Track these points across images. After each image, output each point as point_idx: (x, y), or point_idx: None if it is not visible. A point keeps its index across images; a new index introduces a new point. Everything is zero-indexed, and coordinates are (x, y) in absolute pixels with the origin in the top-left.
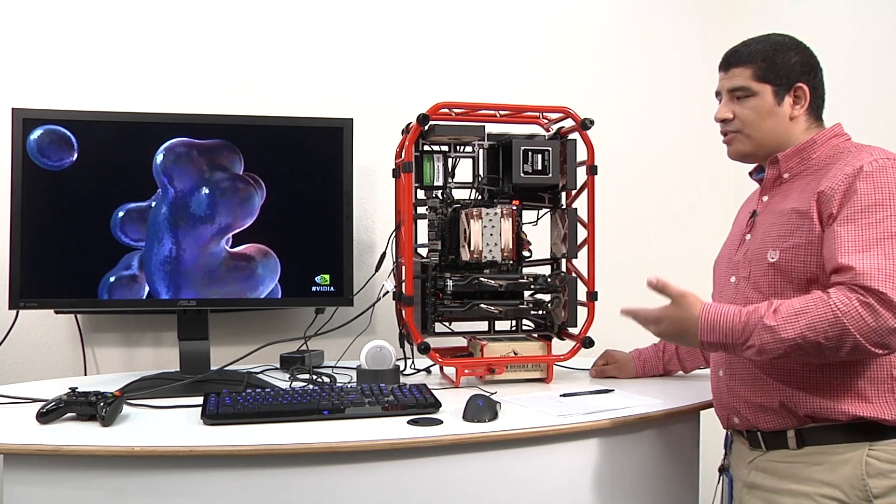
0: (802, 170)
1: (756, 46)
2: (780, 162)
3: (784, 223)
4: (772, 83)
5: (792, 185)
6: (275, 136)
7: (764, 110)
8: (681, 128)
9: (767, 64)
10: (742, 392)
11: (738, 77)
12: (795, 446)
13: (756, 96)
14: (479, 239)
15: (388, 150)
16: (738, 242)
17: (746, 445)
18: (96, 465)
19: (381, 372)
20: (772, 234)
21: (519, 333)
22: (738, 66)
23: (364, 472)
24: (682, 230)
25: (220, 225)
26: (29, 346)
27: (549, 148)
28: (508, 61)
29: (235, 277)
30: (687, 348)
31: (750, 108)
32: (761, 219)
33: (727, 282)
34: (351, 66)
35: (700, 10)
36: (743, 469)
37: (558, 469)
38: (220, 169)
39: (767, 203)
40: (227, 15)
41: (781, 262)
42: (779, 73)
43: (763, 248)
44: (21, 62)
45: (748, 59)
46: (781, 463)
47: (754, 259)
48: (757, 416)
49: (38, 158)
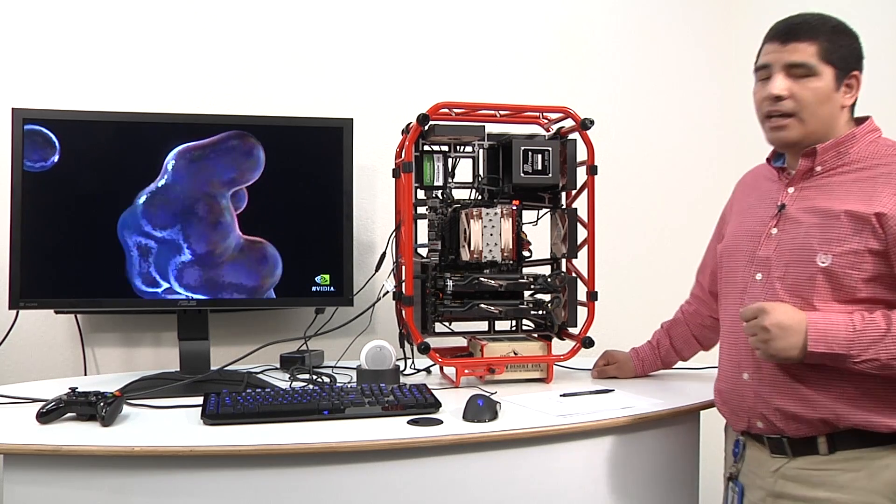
0: (839, 165)
1: (817, 22)
2: (817, 154)
3: (835, 225)
4: (835, 66)
5: (830, 181)
6: (275, 135)
7: (823, 94)
8: (681, 128)
9: (831, 44)
10: (774, 399)
11: (800, 52)
12: (826, 451)
13: (818, 77)
14: (479, 239)
15: (388, 150)
16: (759, 235)
17: (766, 452)
18: (96, 465)
19: (381, 372)
20: (817, 236)
21: (519, 333)
22: (802, 40)
23: (364, 472)
24: (682, 230)
25: (220, 224)
26: (29, 346)
27: (549, 148)
28: (508, 61)
29: (237, 277)
30: (681, 338)
31: (811, 89)
32: (796, 214)
33: (751, 278)
34: (351, 66)
35: (700, 10)
36: (765, 478)
37: (558, 469)
38: (221, 169)
39: (798, 197)
40: (227, 15)
41: (834, 268)
42: (842, 56)
43: (806, 248)
44: (21, 62)
45: (814, 34)
46: (813, 470)
47: (793, 260)
48: (787, 424)
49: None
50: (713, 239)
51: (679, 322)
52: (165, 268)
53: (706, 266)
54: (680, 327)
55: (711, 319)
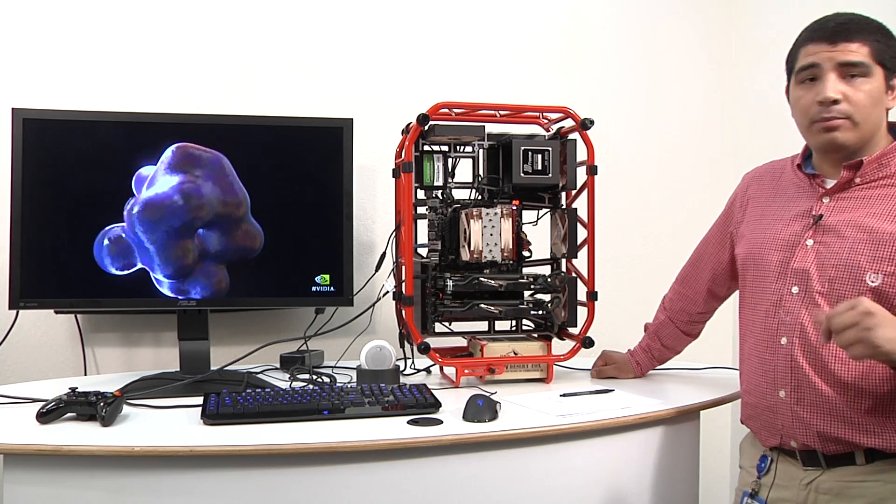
0: (879, 177)
1: (864, 22)
2: (864, 167)
3: (885, 243)
4: (886, 66)
5: (870, 194)
6: (275, 135)
7: (876, 96)
8: (681, 127)
9: (882, 44)
10: (814, 422)
11: (855, 53)
12: (864, 462)
13: (871, 78)
14: (479, 239)
15: (388, 150)
16: (792, 245)
17: (798, 465)
18: (96, 465)
19: (381, 372)
20: (866, 254)
21: (519, 333)
22: (855, 40)
23: (364, 472)
24: (682, 230)
25: (221, 224)
26: (29, 346)
27: (549, 148)
28: (508, 61)
29: (237, 277)
30: (671, 338)
31: (866, 91)
32: (838, 227)
33: (786, 291)
34: (351, 66)
35: (700, 10)
36: (794, 490)
37: (558, 469)
38: (220, 168)
39: (836, 208)
40: (227, 15)
41: (885, 288)
42: (892, 56)
43: (853, 265)
44: (21, 62)
45: (866, 33)
46: (850, 483)
47: (838, 276)
48: (825, 445)
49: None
50: (713, 233)
51: (666, 324)
52: (165, 267)
53: (704, 263)
54: (667, 328)
55: (699, 315)
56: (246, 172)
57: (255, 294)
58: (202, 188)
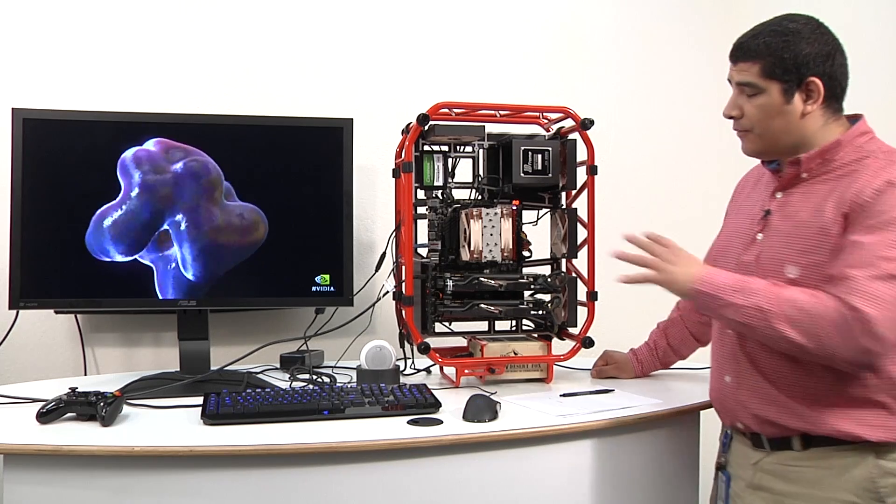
0: (824, 171)
1: (765, 39)
2: (801, 163)
3: (806, 236)
4: (780, 80)
5: (812, 188)
6: (275, 136)
7: (772, 109)
8: (681, 127)
9: (775, 59)
10: (751, 405)
11: (745, 72)
12: (801, 448)
13: (763, 94)
14: (479, 239)
15: (388, 150)
16: (746, 239)
17: (749, 446)
18: (96, 465)
19: (381, 372)
20: (791, 247)
21: (519, 333)
22: (744, 60)
23: (364, 472)
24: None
25: (220, 223)
26: (29, 346)
27: (549, 148)
28: (508, 61)
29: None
30: (678, 337)
31: (757, 106)
32: (777, 222)
33: None
34: (351, 66)
35: (700, 10)
36: (746, 469)
37: (558, 469)
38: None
39: (783, 203)
40: (228, 15)
41: (802, 280)
42: (787, 69)
43: (780, 258)
44: (21, 62)
45: (755, 53)
46: (789, 466)
47: (770, 268)
48: (763, 428)
49: None
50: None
51: (676, 322)
52: (165, 267)
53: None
54: (677, 327)
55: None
56: (246, 172)
57: (255, 294)
58: (200, 186)
